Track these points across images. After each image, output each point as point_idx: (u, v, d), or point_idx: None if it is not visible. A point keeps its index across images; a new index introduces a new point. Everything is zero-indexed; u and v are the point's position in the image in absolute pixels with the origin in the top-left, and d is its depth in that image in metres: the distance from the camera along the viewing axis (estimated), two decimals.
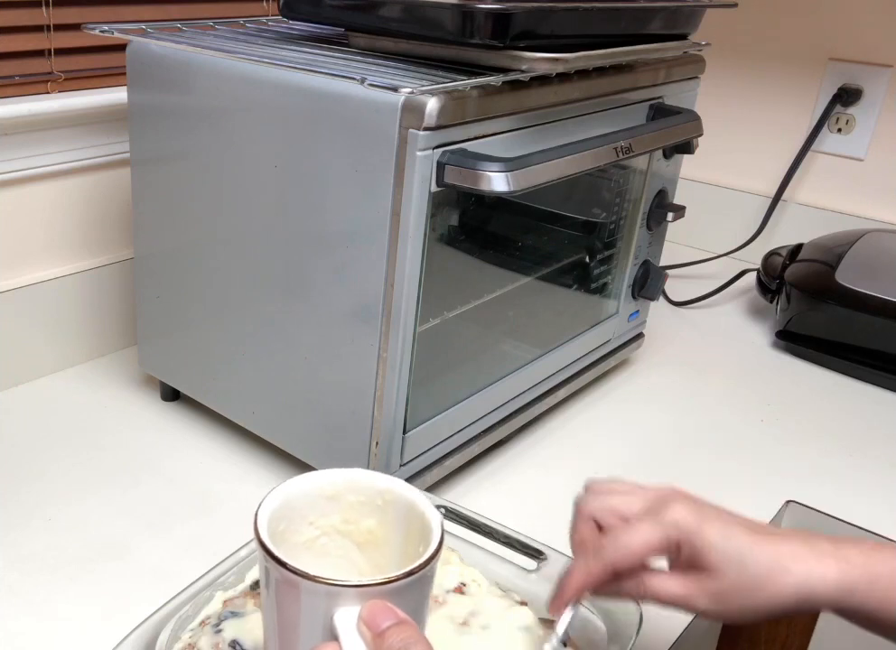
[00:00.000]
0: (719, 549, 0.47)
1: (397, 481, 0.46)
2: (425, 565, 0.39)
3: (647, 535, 0.48)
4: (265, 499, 0.43)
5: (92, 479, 0.74)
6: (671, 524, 0.48)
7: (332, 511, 0.46)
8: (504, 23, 0.61)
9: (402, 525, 0.45)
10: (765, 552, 0.47)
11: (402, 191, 0.60)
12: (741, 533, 0.47)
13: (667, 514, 0.48)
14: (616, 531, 0.50)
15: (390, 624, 0.37)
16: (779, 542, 0.47)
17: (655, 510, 0.49)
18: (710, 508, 0.49)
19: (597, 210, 0.87)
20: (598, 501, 0.52)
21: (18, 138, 0.81)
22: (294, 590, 0.39)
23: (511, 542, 0.59)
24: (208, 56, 0.68)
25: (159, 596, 0.52)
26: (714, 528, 0.47)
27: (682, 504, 0.49)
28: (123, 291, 0.93)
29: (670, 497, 0.49)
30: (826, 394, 0.99)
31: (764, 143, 1.31)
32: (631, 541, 0.48)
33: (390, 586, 0.38)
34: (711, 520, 0.48)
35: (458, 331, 0.74)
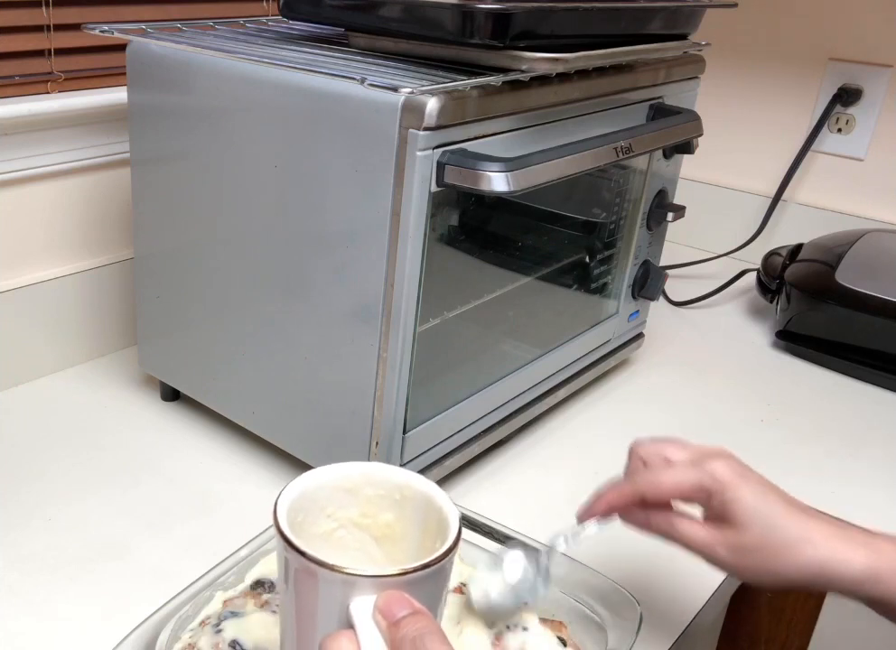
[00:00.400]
0: (750, 506, 0.49)
1: (416, 476, 0.46)
2: (442, 558, 0.39)
3: (681, 475, 0.51)
4: (284, 490, 0.43)
5: (92, 479, 0.74)
6: (708, 473, 0.50)
7: (350, 504, 0.46)
8: (504, 23, 0.61)
9: (420, 520, 0.45)
10: (796, 522, 0.48)
11: (402, 191, 0.60)
12: (777, 499, 0.49)
13: (709, 464, 0.51)
14: (656, 467, 0.53)
15: (406, 613, 0.38)
16: (813, 519, 0.49)
17: (699, 460, 0.52)
18: (755, 474, 0.51)
19: (597, 210, 0.87)
20: (650, 445, 0.55)
21: (18, 138, 0.81)
22: (311, 579, 0.39)
23: (511, 544, 0.59)
24: (208, 56, 0.68)
25: (159, 596, 0.52)
26: (751, 487, 0.49)
27: (726, 460, 0.51)
28: (123, 291, 0.93)
29: (718, 454, 0.52)
30: (826, 394, 0.99)
31: (764, 143, 1.31)
32: (665, 476, 0.51)
33: (407, 577, 0.38)
34: (750, 481, 0.50)
35: (458, 331, 0.74)
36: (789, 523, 0.48)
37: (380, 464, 0.47)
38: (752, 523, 0.49)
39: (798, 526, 0.48)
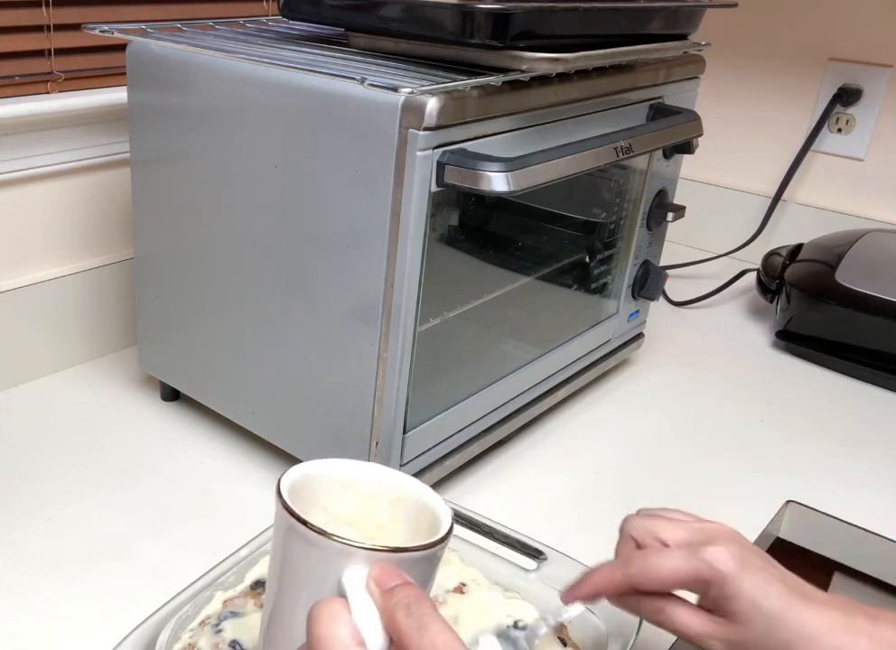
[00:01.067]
0: (750, 602, 0.45)
1: (411, 479, 0.47)
2: (435, 545, 0.40)
3: (677, 564, 0.47)
4: (287, 470, 0.44)
5: (92, 479, 0.74)
6: (706, 563, 0.46)
7: (346, 500, 0.47)
8: (504, 23, 0.61)
9: (412, 522, 0.46)
10: (798, 617, 0.45)
11: (402, 191, 0.60)
12: (779, 591, 0.46)
13: (707, 551, 0.47)
14: (650, 551, 0.49)
15: (399, 582, 0.38)
16: (816, 609, 0.45)
17: (697, 543, 0.48)
18: (756, 558, 0.47)
19: (597, 210, 0.87)
20: (642, 523, 0.51)
21: (18, 138, 0.81)
22: (308, 548, 0.40)
23: (511, 542, 0.59)
24: (208, 56, 0.68)
25: (159, 596, 0.52)
26: (752, 580, 0.46)
27: (726, 546, 0.47)
28: (123, 291, 0.93)
29: (719, 536, 0.48)
30: (826, 394, 0.99)
31: (764, 143, 1.31)
32: (660, 565, 0.47)
33: (400, 555, 0.39)
34: (751, 571, 0.46)
35: (458, 331, 0.74)
36: (791, 619, 0.45)
37: (379, 465, 0.48)
38: (752, 620, 0.45)
39: (799, 622, 0.45)
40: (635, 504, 0.78)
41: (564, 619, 0.51)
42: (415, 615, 0.37)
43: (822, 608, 0.45)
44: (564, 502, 0.77)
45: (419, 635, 0.36)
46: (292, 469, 0.45)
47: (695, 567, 0.46)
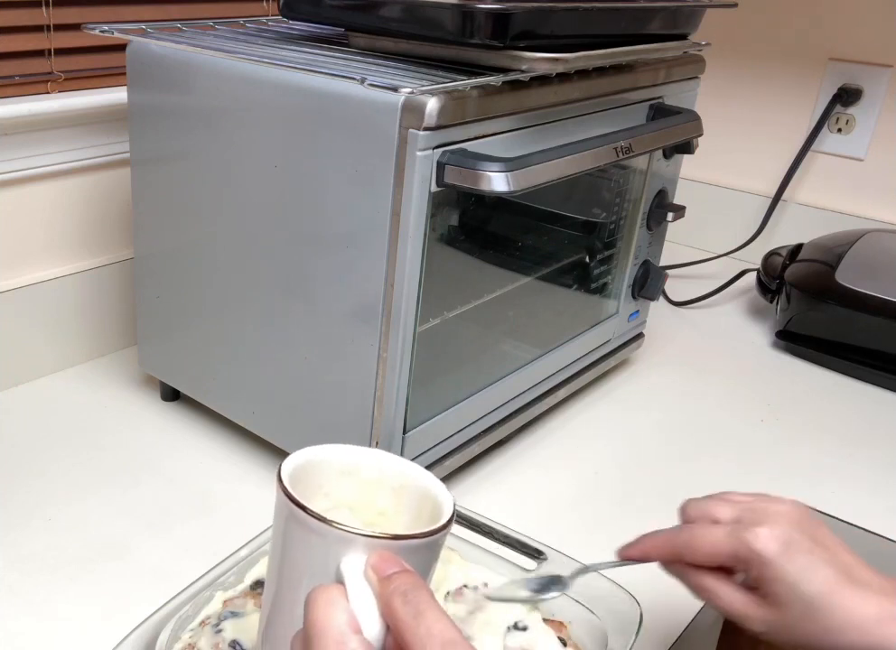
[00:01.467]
0: (790, 586, 0.44)
1: (414, 466, 0.47)
2: (435, 533, 0.40)
3: (717, 541, 0.47)
4: (289, 456, 0.44)
5: (92, 479, 0.74)
6: (746, 543, 0.46)
7: (348, 486, 0.47)
8: (504, 23, 0.61)
9: (413, 509, 0.46)
10: (844, 604, 0.44)
11: (402, 191, 0.60)
12: (824, 576, 0.44)
13: (750, 531, 0.46)
14: (697, 525, 0.49)
15: (397, 570, 0.38)
16: (865, 597, 0.44)
17: (746, 521, 0.47)
18: (805, 539, 0.46)
19: (597, 210, 0.87)
20: (699, 502, 0.51)
21: (18, 138, 0.81)
22: (307, 534, 0.40)
23: (511, 542, 0.59)
24: (208, 56, 0.68)
25: (159, 596, 0.52)
26: (796, 564, 0.45)
27: (772, 527, 0.46)
28: (123, 291, 0.93)
29: (770, 516, 0.47)
30: (826, 394, 0.99)
31: (764, 143, 1.31)
32: (702, 539, 0.48)
33: (399, 543, 0.39)
34: (797, 552, 0.45)
35: (458, 331, 0.74)
36: (836, 605, 0.44)
37: (383, 451, 0.48)
38: (792, 604, 0.44)
39: (846, 609, 0.43)
40: (635, 504, 0.78)
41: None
42: (412, 602, 0.37)
43: (872, 596, 0.44)
44: (564, 502, 0.77)
45: (415, 622, 0.36)
46: (294, 455, 0.45)
47: (734, 545, 0.46)
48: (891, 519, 0.77)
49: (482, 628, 0.53)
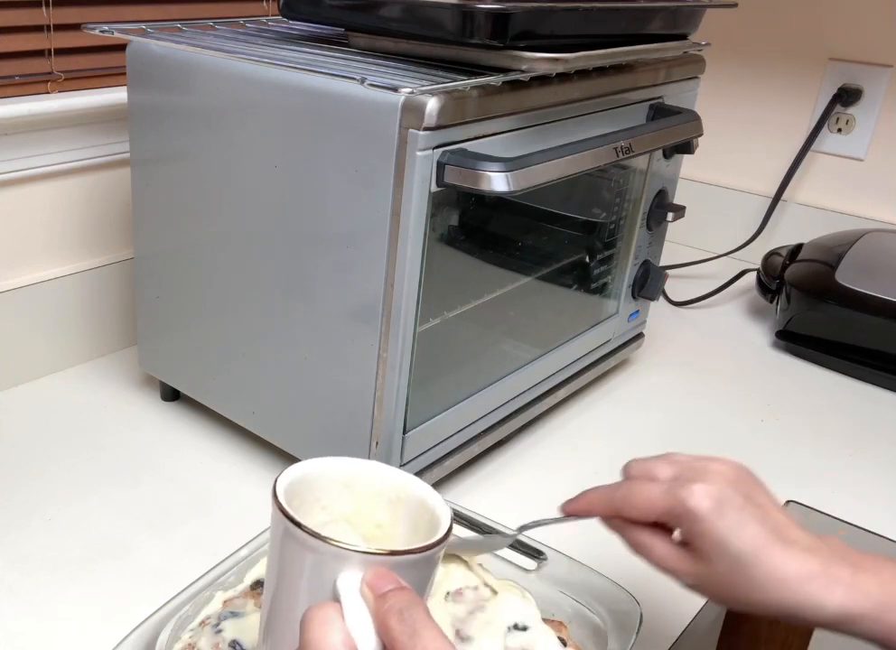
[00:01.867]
0: (718, 541, 0.46)
1: (413, 478, 0.46)
2: (432, 547, 0.40)
3: (653, 496, 0.48)
4: (286, 469, 0.44)
5: (92, 479, 0.74)
6: (679, 499, 0.47)
7: (346, 499, 0.47)
8: (504, 23, 0.61)
9: (411, 521, 0.46)
10: (770, 562, 0.45)
11: (402, 191, 0.60)
12: (753, 533, 0.45)
13: (684, 488, 0.47)
14: (635, 481, 0.50)
15: (393, 587, 0.38)
16: (792, 555, 0.45)
17: (682, 478, 0.48)
18: (739, 494, 0.47)
19: (597, 210, 0.87)
20: (641, 462, 0.52)
21: (18, 138, 0.81)
22: (303, 551, 0.39)
23: (511, 542, 0.59)
24: (208, 56, 0.68)
25: (159, 596, 0.52)
26: (726, 520, 0.46)
27: (706, 483, 0.47)
28: (123, 291, 0.93)
29: (707, 473, 0.48)
30: (826, 394, 0.99)
31: (764, 143, 1.31)
32: (639, 494, 0.49)
33: (396, 558, 0.39)
34: (728, 509, 0.46)
35: (458, 331, 0.74)
36: (762, 562, 0.45)
37: (379, 463, 0.47)
38: (720, 559, 0.46)
39: (771, 566, 0.45)
40: None
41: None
42: (408, 621, 0.37)
43: (799, 555, 0.45)
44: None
45: (411, 642, 0.36)
46: (290, 469, 0.44)
47: (669, 502, 0.47)
48: (891, 519, 0.77)
49: (482, 628, 0.53)
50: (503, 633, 0.53)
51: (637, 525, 0.50)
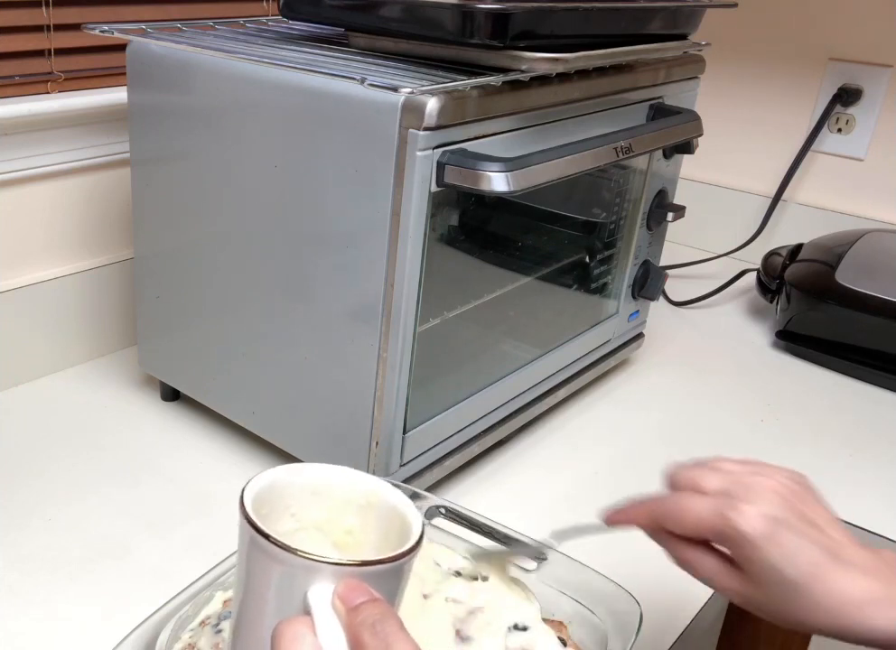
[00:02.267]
0: (772, 569, 0.43)
1: (384, 483, 0.46)
2: (403, 556, 0.39)
3: (700, 514, 0.45)
4: (253, 477, 0.43)
5: (92, 479, 0.74)
6: (729, 521, 0.44)
7: (316, 506, 0.46)
8: (504, 23, 0.61)
9: (382, 527, 0.45)
10: (828, 587, 0.43)
11: (402, 191, 0.60)
12: (808, 558, 0.43)
13: (735, 509, 0.44)
14: (683, 494, 0.47)
15: (365, 599, 0.37)
16: (851, 578, 0.43)
17: (732, 494, 0.45)
18: (793, 514, 0.45)
19: (597, 210, 0.87)
20: (686, 470, 0.49)
21: (18, 138, 0.81)
22: (271, 562, 0.39)
23: (511, 541, 0.59)
24: (208, 56, 0.68)
25: (159, 596, 0.52)
26: (781, 546, 0.43)
27: (759, 505, 0.44)
28: (123, 291, 0.93)
29: (759, 491, 0.45)
30: (826, 394, 0.99)
31: (764, 143, 1.31)
32: (686, 510, 0.46)
33: (367, 569, 0.38)
34: (781, 535, 0.43)
35: (458, 331, 0.74)
36: (820, 588, 0.42)
37: (350, 469, 0.46)
38: (776, 585, 0.43)
39: (830, 592, 0.42)
40: None
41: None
42: (380, 635, 0.36)
43: (858, 577, 0.43)
44: (564, 502, 0.77)
45: None
46: (258, 476, 0.43)
47: (717, 523, 0.44)
48: (892, 519, 0.77)
49: (482, 628, 0.53)
50: (503, 633, 0.53)
51: (683, 541, 0.47)
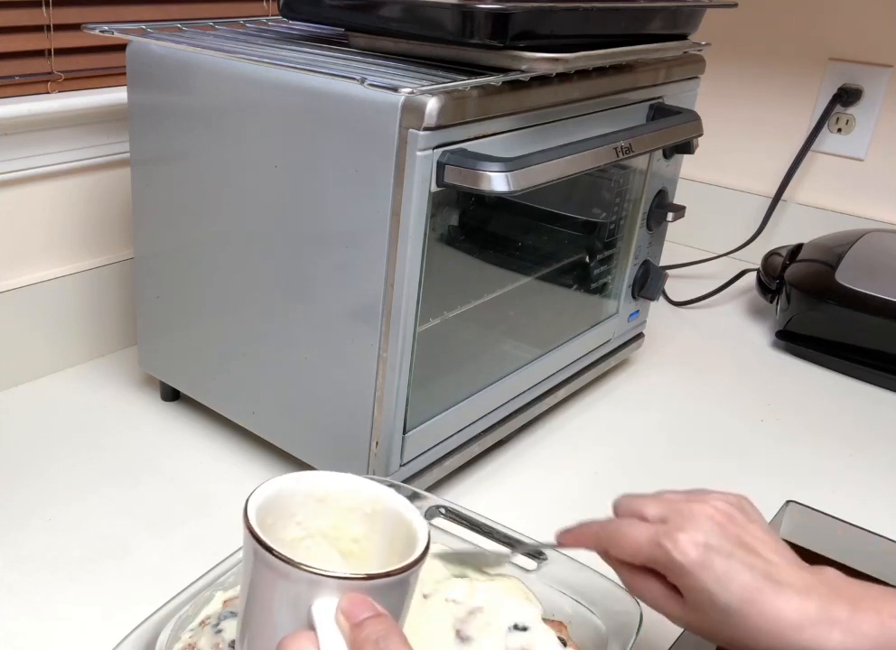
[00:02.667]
0: (706, 596, 0.44)
1: (388, 490, 0.46)
2: (408, 568, 0.39)
3: (638, 542, 0.47)
4: (257, 488, 0.43)
5: (92, 479, 0.74)
6: (664, 549, 0.45)
7: (322, 514, 0.46)
8: (504, 23, 0.61)
9: (388, 534, 0.45)
10: (764, 611, 0.43)
11: (402, 191, 0.60)
12: (742, 583, 0.43)
13: (670, 537, 0.45)
14: (624, 521, 0.49)
15: (369, 615, 0.37)
16: (787, 601, 0.43)
17: (669, 523, 0.47)
18: (727, 540, 0.45)
19: (597, 210, 0.87)
20: (629, 499, 0.51)
21: (18, 138, 0.81)
22: (275, 576, 0.38)
23: (511, 541, 0.59)
24: (208, 56, 0.68)
25: (159, 596, 0.52)
26: (714, 572, 0.44)
27: (693, 532, 0.45)
28: (123, 291, 0.93)
29: (695, 516, 0.46)
30: (826, 394, 0.99)
31: (764, 143, 1.31)
32: (624, 537, 0.48)
33: (372, 582, 0.38)
34: (715, 560, 0.44)
35: (458, 331, 0.74)
36: (755, 612, 0.43)
37: (355, 476, 0.46)
38: (712, 611, 0.44)
39: (764, 615, 0.43)
40: None
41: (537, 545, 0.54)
42: None
43: (794, 599, 0.43)
44: (564, 502, 0.77)
45: None
46: (263, 486, 0.43)
47: (653, 551, 0.46)
48: (891, 519, 0.77)
49: (482, 629, 0.53)
50: (503, 633, 0.53)
51: (629, 565, 0.48)
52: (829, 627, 0.42)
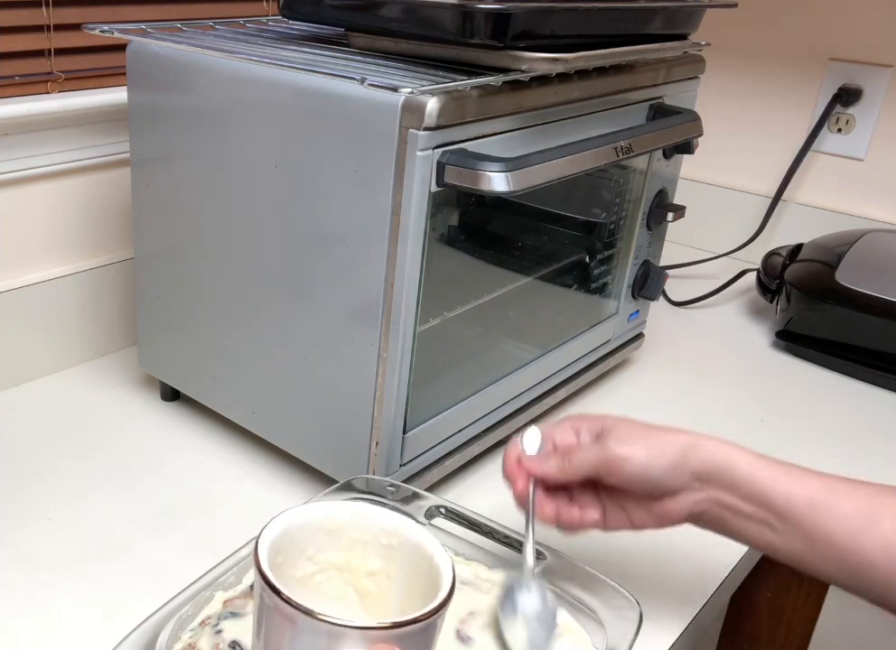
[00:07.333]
0: (620, 422, 0.60)
1: (406, 520, 0.44)
2: (435, 612, 0.37)
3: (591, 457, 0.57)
4: (266, 528, 0.41)
5: (92, 479, 0.74)
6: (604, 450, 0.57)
7: (333, 547, 0.44)
8: (504, 23, 0.61)
9: (407, 569, 0.43)
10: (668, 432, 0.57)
11: (402, 191, 0.60)
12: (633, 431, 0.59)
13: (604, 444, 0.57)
14: (575, 449, 0.58)
15: None
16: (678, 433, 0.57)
17: (600, 437, 0.58)
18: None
19: (597, 210, 0.87)
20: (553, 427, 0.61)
21: (18, 138, 0.81)
22: (291, 626, 0.37)
23: (511, 542, 0.59)
24: (208, 56, 0.68)
25: (159, 596, 0.52)
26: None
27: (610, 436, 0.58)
28: (123, 291, 0.93)
29: (607, 429, 0.60)
30: (826, 394, 0.99)
31: (764, 143, 1.31)
32: (584, 459, 0.56)
33: (396, 631, 0.36)
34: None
35: (458, 331, 0.74)
36: (653, 429, 0.58)
37: (368, 505, 0.45)
38: (618, 426, 0.59)
39: (659, 429, 0.58)
40: None
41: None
42: None
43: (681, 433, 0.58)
44: None
45: None
46: (272, 524, 0.41)
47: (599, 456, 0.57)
48: None
49: (482, 628, 0.53)
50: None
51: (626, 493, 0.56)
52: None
